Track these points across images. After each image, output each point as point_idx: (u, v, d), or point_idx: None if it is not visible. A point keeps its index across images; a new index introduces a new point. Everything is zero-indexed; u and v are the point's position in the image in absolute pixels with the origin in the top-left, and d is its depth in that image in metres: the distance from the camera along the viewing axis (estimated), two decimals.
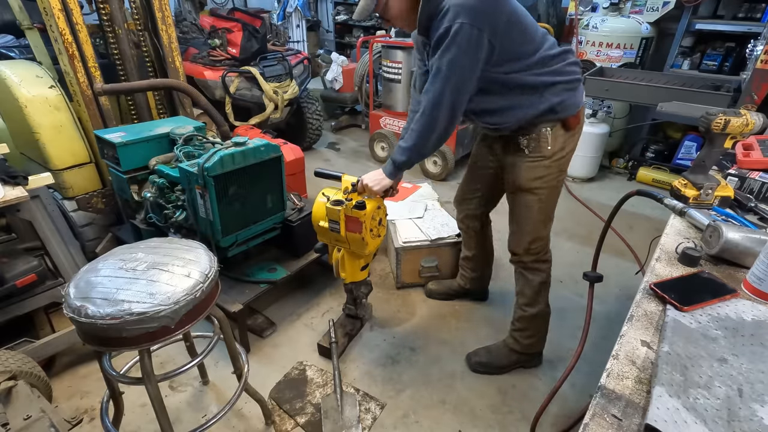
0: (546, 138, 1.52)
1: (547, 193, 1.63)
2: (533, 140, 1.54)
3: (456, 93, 1.38)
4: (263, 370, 1.96)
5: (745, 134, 1.24)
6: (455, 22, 1.27)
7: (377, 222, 1.70)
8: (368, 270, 1.95)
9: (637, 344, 0.86)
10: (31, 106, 2.08)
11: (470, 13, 1.27)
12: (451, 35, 1.29)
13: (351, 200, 1.61)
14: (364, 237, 1.63)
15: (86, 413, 1.76)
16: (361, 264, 1.88)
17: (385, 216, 1.75)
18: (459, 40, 1.29)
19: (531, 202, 1.64)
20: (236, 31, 3.54)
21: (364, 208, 1.58)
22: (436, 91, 1.38)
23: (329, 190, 1.75)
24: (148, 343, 1.13)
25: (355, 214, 1.60)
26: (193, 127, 2.12)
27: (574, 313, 2.31)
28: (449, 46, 1.31)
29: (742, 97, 2.75)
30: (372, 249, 1.74)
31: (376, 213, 1.67)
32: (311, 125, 4.28)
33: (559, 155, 1.57)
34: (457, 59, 1.32)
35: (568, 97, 1.49)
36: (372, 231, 1.67)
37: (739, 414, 0.69)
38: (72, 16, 2.06)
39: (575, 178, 3.91)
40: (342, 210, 1.62)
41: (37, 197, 1.68)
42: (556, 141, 1.54)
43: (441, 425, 1.74)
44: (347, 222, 1.64)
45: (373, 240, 1.69)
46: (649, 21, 3.75)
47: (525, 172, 1.59)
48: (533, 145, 1.55)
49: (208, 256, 1.30)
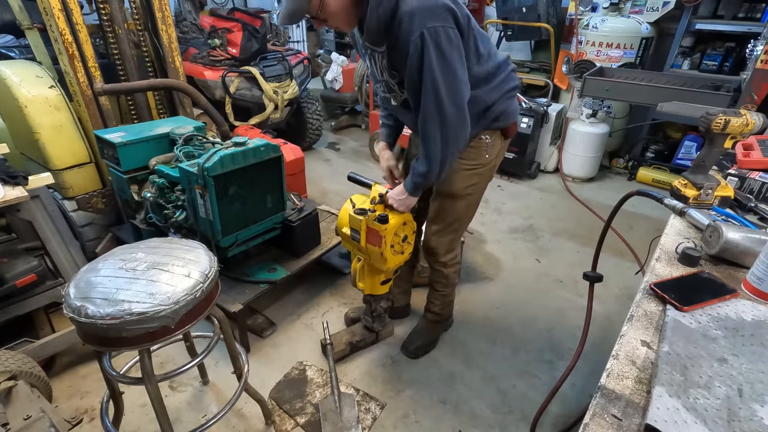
0: (486, 146, 1.51)
1: (477, 196, 1.65)
2: (472, 149, 1.52)
3: (457, 96, 1.32)
4: (263, 370, 1.96)
5: (745, 134, 1.24)
6: (427, 26, 1.20)
7: (401, 238, 1.60)
8: (390, 285, 1.88)
9: (637, 344, 0.85)
10: (31, 106, 2.08)
11: (436, 15, 1.20)
12: (430, 43, 1.20)
13: (375, 211, 1.54)
14: (383, 252, 1.55)
15: (86, 413, 1.76)
16: (382, 278, 1.81)
17: (412, 233, 1.65)
18: (443, 45, 1.22)
19: (460, 207, 1.64)
20: (236, 31, 3.54)
21: (386, 222, 1.50)
22: (434, 104, 1.30)
23: (358, 197, 1.69)
24: (148, 343, 1.13)
25: (376, 227, 1.52)
26: (193, 127, 2.12)
27: (574, 313, 2.31)
28: (437, 53, 1.23)
29: (742, 97, 2.75)
30: (392, 266, 1.65)
31: (401, 229, 1.58)
32: (311, 125, 4.28)
33: (495, 162, 1.57)
34: (448, 62, 1.26)
35: (509, 104, 1.47)
36: (393, 247, 1.58)
37: (739, 414, 0.69)
38: (72, 16, 2.06)
39: (575, 178, 3.91)
40: (364, 220, 1.55)
41: (37, 197, 1.68)
42: (494, 149, 1.53)
43: (441, 425, 1.74)
44: (368, 234, 1.57)
45: (393, 256, 1.60)
46: (649, 21, 3.75)
47: (461, 179, 1.57)
48: (472, 154, 1.53)
49: (208, 256, 1.30)
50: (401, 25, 1.20)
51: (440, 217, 1.70)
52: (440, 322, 2.10)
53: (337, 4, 1.24)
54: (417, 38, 1.19)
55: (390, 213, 1.55)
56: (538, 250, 2.88)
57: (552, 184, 3.86)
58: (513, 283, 1.82)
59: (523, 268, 2.66)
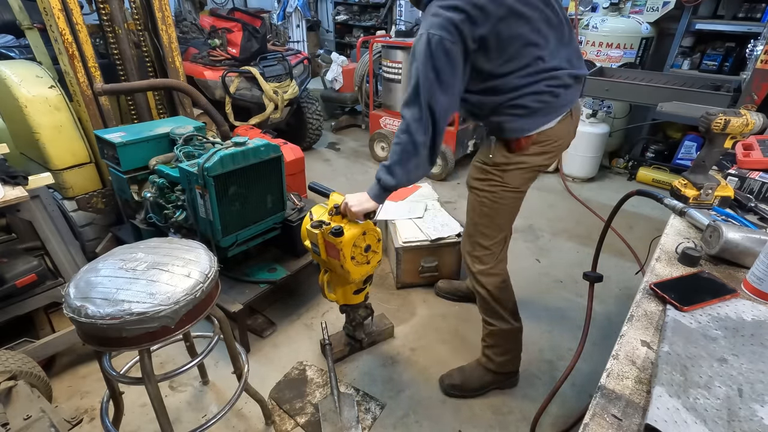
0: (489, 146, 1.52)
1: (489, 199, 1.56)
2: (485, 146, 1.55)
3: (432, 100, 1.35)
4: (263, 370, 1.96)
5: (745, 134, 1.24)
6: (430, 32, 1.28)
7: (362, 249, 1.54)
8: (365, 293, 1.81)
9: (637, 344, 0.85)
10: (31, 106, 2.08)
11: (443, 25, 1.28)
12: (423, 42, 1.30)
13: (329, 224, 1.49)
14: (344, 265, 1.50)
15: (86, 413, 1.76)
16: (353, 288, 1.74)
17: (377, 241, 1.59)
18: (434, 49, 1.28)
19: (473, 201, 1.63)
20: (236, 31, 3.54)
21: (341, 234, 1.44)
22: (411, 94, 1.34)
23: (318, 208, 1.63)
24: (148, 343, 1.13)
25: (332, 241, 1.46)
26: (193, 127, 2.12)
27: (574, 313, 2.31)
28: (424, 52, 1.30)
29: (742, 97, 2.75)
30: (356, 277, 1.59)
31: (360, 239, 1.52)
32: (311, 125, 4.28)
33: (503, 167, 1.51)
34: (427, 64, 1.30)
35: (515, 122, 1.42)
36: (354, 259, 1.52)
37: (739, 414, 0.69)
38: (72, 16, 2.06)
39: (575, 178, 3.91)
40: (319, 234, 1.50)
41: (37, 197, 1.68)
42: (497, 154, 1.51)
43: (441, 425, 1.74)
44: (327, 247, 1.52)
45: (357, 267, 1.54)
46: (649, 21, 3.75)
47: (473, 170, 1.61)
48: (484, 149, 1.56)
49: (208, 256, 1.30)
50: (422, 16, 1.33)
51: (467, 216, 1.69)
52: (493, 372, 1.80)
53: None
54: (422, 34, 1.27)
55: (346, 224, 1.49)
56: (538, 250, 2.88)
57: (552, 184, 3.86)
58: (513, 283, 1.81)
59: (522, 268, 2.66)
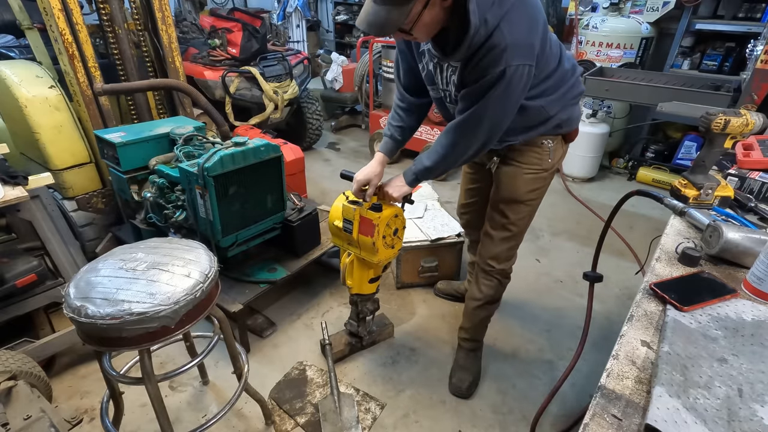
0: (548, 151, 1.51)
1: (539, 201, 1.65)
2: (535, 154, 1.52)
3: (497, 127, 1.33)
4: (263, 370, 1.96)
5: (745, 134, 1.24)
6: (511, 64, 1.17)
7: (392, 231, 1.64)
8: (377, 285, 1.86)
9: (637, 344, 0.86)
10: (31, 106, 2.08)
11: (523, 52, 1.18)
12: (507, 79, 1.19)
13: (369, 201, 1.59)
14: (376, 242, 1.58)
15: (86, 413, 1.76)
16: (371, 275, 1.80)
17: (402, 228, 1.69)
18: (515, 83, 1.21)
19: (523, 212, 1.63)
20: (236, 31, 3.53)
21: (380, 210, 1.55)
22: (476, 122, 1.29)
23: (348, 193, 1.70)
24: (148, 343, 1.13)
25: (370, 216, 1.56)
26: (193, 127, 2.12)
27: (574, 313, 2.31)
28: (505, 89, 1.21)
29: (742, 97, 2.75)
30: (382, 258, 1.66)
31: (393, 221, 1.62)
32: (311, 125, 4.28)
33: (556, 167, 1.58)
34: (509, 98, 1.25)
35: (572, 111, 1.48)
36: (385, 239, 1.62)
37: (739, 414, 0.69)
38: (72, 16, 2.05)
39: (575, 178, 3.91)
40: (358, 210, 1.59)
41: (37, 197, 1.68)
42: (556, 154, 1.53)
43: (441, 425, 1.74)
44: (361, 224, 1.60)
45: (384, 249, 1.63)
46: (649, 21, 3.75)
47: (523, 184, 1.57)
48: (534, 159, 1.53)
49: (208, 256, 1.30)
50: (489, 54, 1.18)
51: (500, 224, 1.68)
52: (479, 348, 1.99)
53: (432, 18, 1.19)
54: (498, 71, 1.18)
55: (384, 204, 1.59)
56: (538, 250, 2.88)
57: (552, 184, 3.79)
58: (513, 283, 1.81)
59: (523, 268, 2.66)
